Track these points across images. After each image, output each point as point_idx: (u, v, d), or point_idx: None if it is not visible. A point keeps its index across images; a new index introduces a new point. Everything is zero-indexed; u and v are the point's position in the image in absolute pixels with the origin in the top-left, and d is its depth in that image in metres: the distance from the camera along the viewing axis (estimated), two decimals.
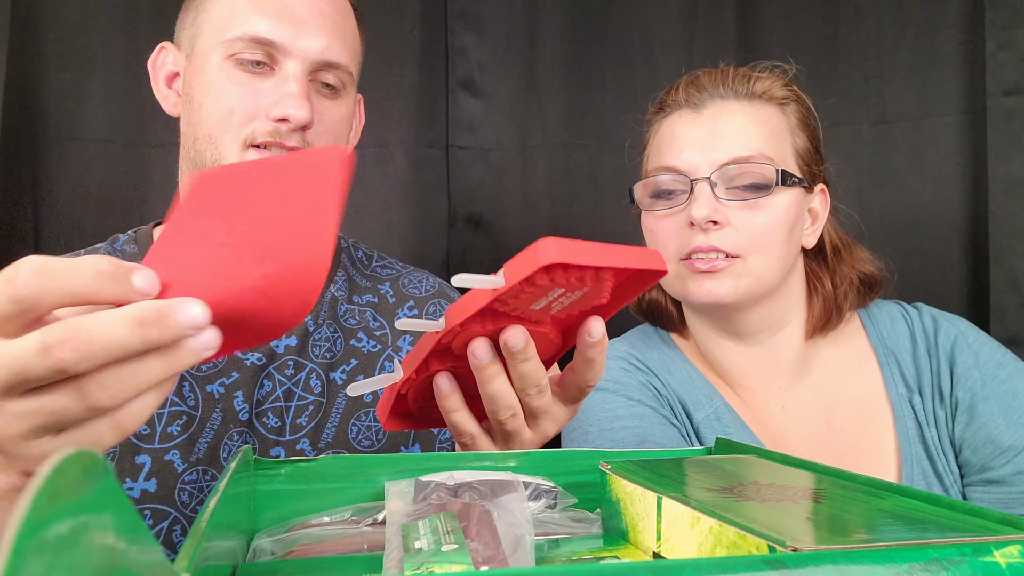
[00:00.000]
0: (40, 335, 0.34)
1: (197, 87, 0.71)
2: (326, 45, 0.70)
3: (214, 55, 0.69)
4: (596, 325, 0.48)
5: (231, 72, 0.69)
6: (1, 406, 0.35)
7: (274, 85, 0.69)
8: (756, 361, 0.82)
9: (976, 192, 1.10)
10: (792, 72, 0.83)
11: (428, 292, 0.83)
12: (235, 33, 0.68)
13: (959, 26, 1.11)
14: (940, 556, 0.25)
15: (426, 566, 0.30)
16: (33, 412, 0.35)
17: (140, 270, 0.36)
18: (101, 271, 0.35)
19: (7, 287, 0.34)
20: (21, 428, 0.36)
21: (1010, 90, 1.05)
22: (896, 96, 1.15)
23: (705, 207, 0.73)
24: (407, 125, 1.20)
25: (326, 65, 0.71)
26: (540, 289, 0.44)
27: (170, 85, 0.76)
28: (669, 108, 0.82)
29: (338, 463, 0.46)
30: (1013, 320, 1.05)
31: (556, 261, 0.41)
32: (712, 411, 0.81)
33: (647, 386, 0.82)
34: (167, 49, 0.76)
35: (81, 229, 1.09)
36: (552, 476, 0.46)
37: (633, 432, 0.77)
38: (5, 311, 0.34)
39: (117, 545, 0.18)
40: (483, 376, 0.49)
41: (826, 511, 0.33)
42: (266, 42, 0.68)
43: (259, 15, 0.68)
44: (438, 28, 1.22)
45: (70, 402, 0.35)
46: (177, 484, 0.69)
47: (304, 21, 0.69)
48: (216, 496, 0.33)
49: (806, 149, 0.80)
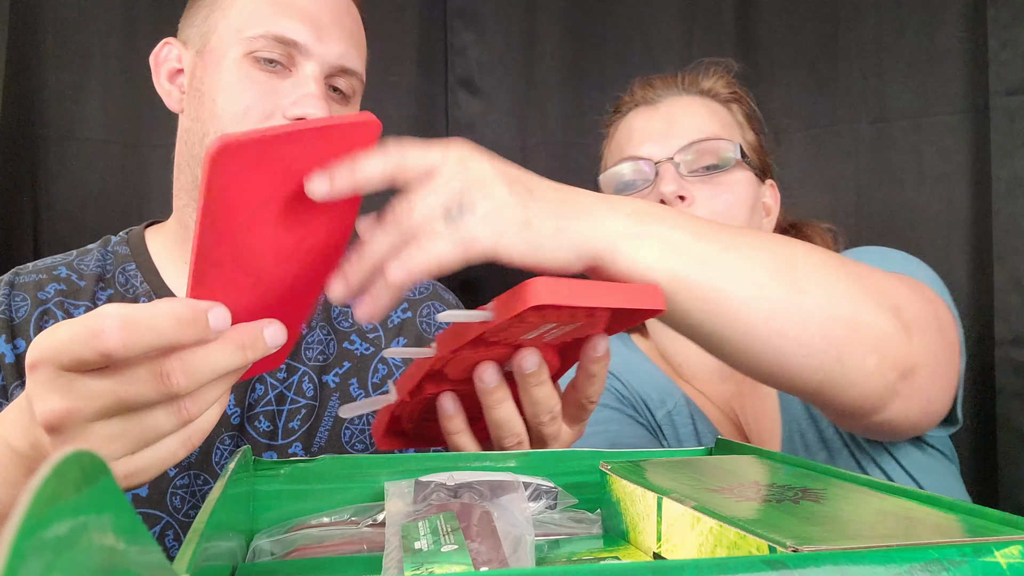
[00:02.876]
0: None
1: (210, 83, 0.70)
2: (344, 51, 0.71)
3: (232, 51, 0.69)
4: (600, 342, 0.48)
5: (249, 70, 0.69)
6: (71, 381, 0.37)
7: (293, 85, 0.69)
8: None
9: (978, 191, 1.10)
10: (735, 70, 0.87)
11: (422, 294, 0.82)
12: (257, 31, 0.69)
13: (960, 24, 1.11)
14: (940, 556, 0.25)
15: (426, 566, 0.30)
16: (105, 392, 0.37)
17: (214, 309, 0.38)
18: (181, 318, 0.37)
19: (94, 341, 0.36)
20: (93, 407, 0.37)
21: (1013, 89, 1.04)
22: (896, 94, 1.14)
23: (672, 183, 0.77)
24: (407, 125, 1.20)
25: (342, 71, 0.72)
26: (530, 325, 0.44)
27: (172, 81, 0.75)
28: (625, 108, 0.86)
29: (338, 464, 0.46)
30: (1017, 320, 1.05)
31: (546, 303, 0.40)
32: (673, 406, 0.82)
33: (610, 390, 0.83)
34: (171, 44, 0.76)
35: (80, 229, 1.09)
36: (552, 476, 0.46)
37: (603, 437, 0.78)
38: (89, 360, 0.36)
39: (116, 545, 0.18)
40: (489, 401, 0.49)
41: (826, 511, 0.33)
42: (289, 42, 0.68)
43: (283, 16, 0.69)
44: (437, 27, 1.22)
45: (145, 381, 0.37)
46: (169, 488, 0.68)
47: (325, 26, 0.70)
48: (215, 497, 0.33)
49: (754, 142, 0.85)
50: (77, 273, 0.73)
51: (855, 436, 0.70)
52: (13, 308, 0.69)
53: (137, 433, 0.38)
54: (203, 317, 0.38)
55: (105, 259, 0.75)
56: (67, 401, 0.37)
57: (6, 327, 0.68)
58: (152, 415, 0.38)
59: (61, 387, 0.37)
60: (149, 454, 0.39)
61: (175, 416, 0.39)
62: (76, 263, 0.74)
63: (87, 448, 0.20)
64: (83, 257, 0.75)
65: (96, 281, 0.73)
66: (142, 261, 0.75)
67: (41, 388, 0.38)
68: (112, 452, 0.38)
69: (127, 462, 0.39)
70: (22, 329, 0.69)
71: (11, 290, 0.70)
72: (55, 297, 0.71)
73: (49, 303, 0.70)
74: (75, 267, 0.74)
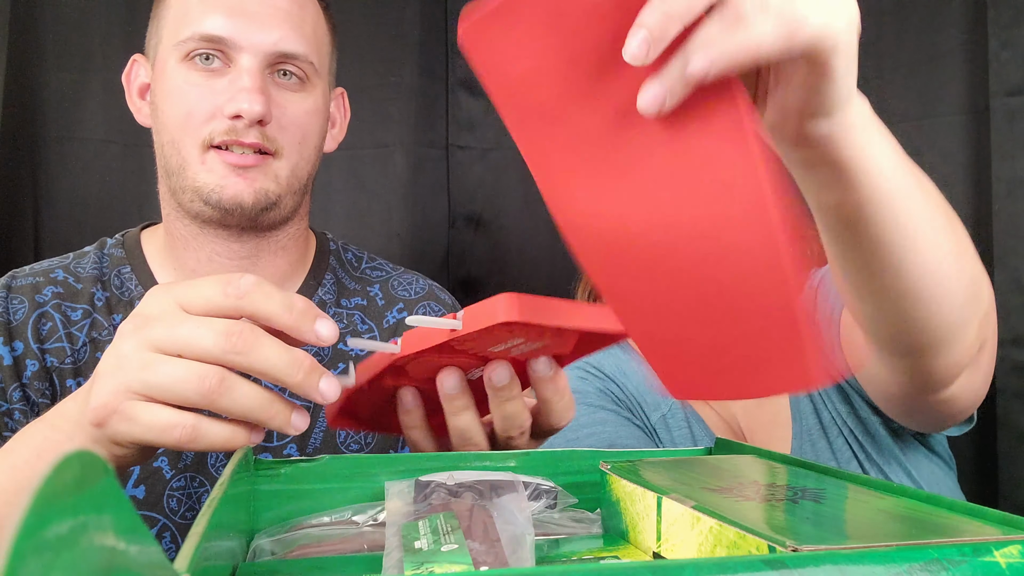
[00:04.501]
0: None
1: (159, 93, 0.70)
2: (279, 37, 0.69)
3: (171, 58, 0.69)
4: (539, 364, 0.47)
5: (187, 74, 0.68)
6: (149, 360, 0.41)
7: (229, 82, 0.68)
8: None
9: (979, 193, 1.09)
10: None
11: (418, 294, 0.82)
12: (187, 34, 0.68)
13: (961, 25, 1.11)
14: (940, 556, 0.25)
15: (426, 566, 0.30)
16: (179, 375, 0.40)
17: (324, 320, 0.42)
18: (299, 309, 0.42)
19: (223, 284, 0.41)
20: (158, 378, 0.40)
21: (1013, 90, 1.04)
22: (897, 95, 1.14)
23: None
24: (407, 125, 1.20)
25: (282, 57, 0.69)
26: (497, 338, 0.44)
27: (143, 97, 0.76)
28: None
29: (338, 463, 0.46)
30: (1017, 321, 1.05)
31: (515, 320, 0.40)
32: (668, 409, 0.81)
33: (605, 392, 0.83)
34: (139, 62, 0.76)
35: (81, 229, 1.09)
36: (552, 476, 0.46)
37: (600, 438, 0.78)
38: (222, 306, 0.41)
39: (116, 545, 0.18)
40: (451, 408, 0.48)
41: (826, 511, 0.33)
42: (216, 39, 0.67)
43: (210, 13, 0.67)
44: (438, 28, 1.22)
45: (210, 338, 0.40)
46: (166, 491, 0.68)
47: (255, 15, 0.68)
48: (216, 496, 0.33)
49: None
50: (74, 276, 0.73)
51: (864, 446, 0.70)
52: (11, 311, 0.69)
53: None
54: (313, 317, 0.42)
55: (101, 262, 0.75)
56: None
57: (4, 330, 0.68)
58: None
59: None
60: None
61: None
62: (73, 266, 0.74)
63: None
64: (80, 260, 0.75)
65: (93, 283, 0.73)
66: (137, 263, 0.75)
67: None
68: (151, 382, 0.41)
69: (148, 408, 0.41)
70: (19, 332, 0.69)
71: (8, 293, 0.70)
72: (52, 300, 0.71)
73: (47, 306, 0.70)
74: (72, 270, 0.74)
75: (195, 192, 0.68)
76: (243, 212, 0.69)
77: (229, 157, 0.68)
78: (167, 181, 0.71)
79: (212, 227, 0.71)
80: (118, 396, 0.41)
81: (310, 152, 0.74)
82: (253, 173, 0.68)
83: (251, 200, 0.68)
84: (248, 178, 0.68)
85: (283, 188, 0.71)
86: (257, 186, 0.69)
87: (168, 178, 0.71)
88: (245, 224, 0.71)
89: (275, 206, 0.71)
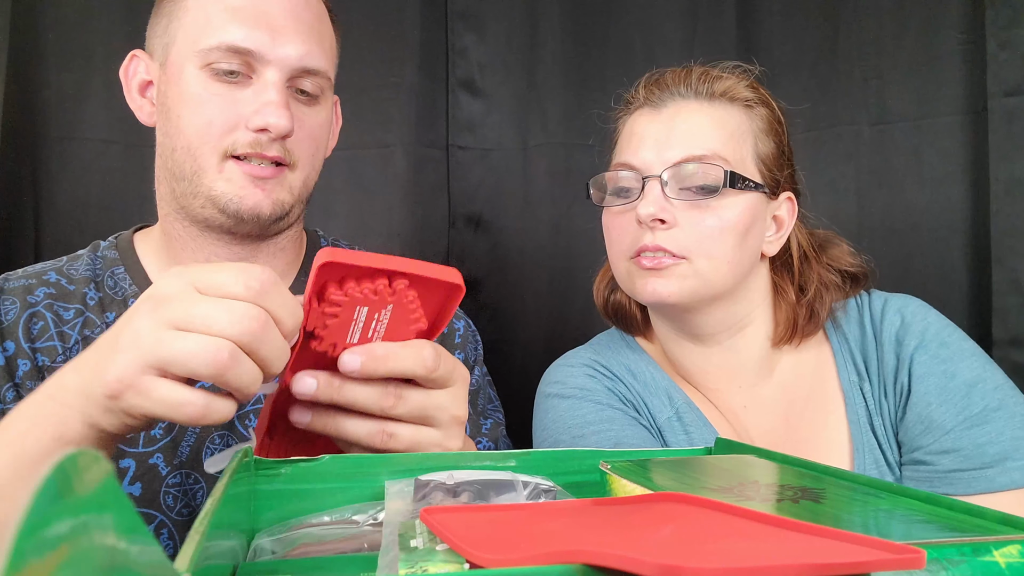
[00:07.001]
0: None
1: (174, 98, 0.69)
2: (304, 52, 0.68)
3: (189, 65, 0.68)
4: (347, 356, 0.47)
5: (208, 83, 0.67)
6: (165, 336, 0.42)
7: (253, 94, 0.67)
8: (716, 361, 0.82)
9: (977, 193, 1.10)
10: (755, 73, 0.81)
11: None
12: (211, 42, 0.67)
13: (959, 26, 1.11)
14: (940, 556, 0.25)
15: (420, 565, 0.30)
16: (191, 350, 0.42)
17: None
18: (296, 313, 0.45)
19: (243, 275, 0.43)
20: (176, 349, 0.42)
21: (1011, 91, 1.05)
22: (896, 96, 1.14)
23: (652, 205, 0.73)
24: (407, 125, 1.21)
25: (305, 72, 0.69)
26: (340, 308, 0.45)
27: (143, 94, 0.75)
28: (631, 105, 0.82)
29: (338, 463, 0.46)
30: (1015, 322, 1.05)
31: (329, 260, 0.43)
32: (673, 412, 0.81)
33: (612, 391, 0.83)
34: (139, 57, 0.74)
35: (81, 229, 1.09)
36: (552, 476, 0.46)
37: (606, 436, 0.78)
38: (236, 292, 0.43)
39: (117, 545, 0.18)
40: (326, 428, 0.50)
41: (826, 511, 0.33)
42: (243, 51, 0.66)
43: (235, 23, 0.67)
44: (438, 28, 1.22)
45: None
46: (162, 488, 0.68)
47: (281, 28, 0.68)
48: (217, 496, 0.33)
49: (770, 154, 0.79)
50: (67, 278, 0.73)
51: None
52: (2, 312, 0.69)
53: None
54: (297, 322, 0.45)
55: (95, 263, 0.75)
56: None
57: None
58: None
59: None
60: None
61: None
62: (66, 268, 0.75)
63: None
64: (73, 262, 0.76)
65: (86, 284, 0.73)
66: (130, 264, 0.75)
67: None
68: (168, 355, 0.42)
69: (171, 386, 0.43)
70: (10, 332, 0.69)
71: (0, 295, 0.71)
72: (44, 300, 0.71)
73: (38, 306, 0.70)
74: (65, 272, 0.74)
75: (210, 200, 0.68)
76: (259, 222, 0.69)
77: (248, 168, 0.68)
78: (172, 184, 0.71)
79: (215, 231, 0.72)
80: (135, 371, 0.42)
81: (319, 163, 0.75)
82: (271, 185, 0.69)
83: (269, 211, 0.69)
84: (266, 189, 0.69)
85: (295, 198, 0.72)
86: (274, 197, 0.69)
87: (176, 182, 0.70)
88: (255, 232, 0.71)
89: (287, 215, 0.72)
